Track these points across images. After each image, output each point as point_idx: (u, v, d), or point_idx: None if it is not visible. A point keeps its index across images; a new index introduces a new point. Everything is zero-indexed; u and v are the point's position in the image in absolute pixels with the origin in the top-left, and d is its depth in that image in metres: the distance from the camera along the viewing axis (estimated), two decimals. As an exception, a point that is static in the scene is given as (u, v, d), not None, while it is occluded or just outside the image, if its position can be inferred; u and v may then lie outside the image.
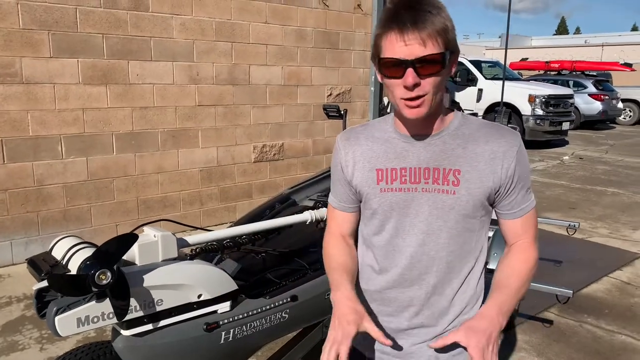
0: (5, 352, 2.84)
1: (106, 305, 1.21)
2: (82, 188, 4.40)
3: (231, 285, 1.47)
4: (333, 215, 1.29)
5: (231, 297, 1.49)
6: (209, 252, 1.51)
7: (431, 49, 1.00)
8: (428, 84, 1.03)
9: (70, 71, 4.18)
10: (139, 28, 4.49)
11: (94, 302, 1.20)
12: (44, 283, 1.13)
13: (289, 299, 1.63)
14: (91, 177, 4.42)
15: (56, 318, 1.16)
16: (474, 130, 1.15)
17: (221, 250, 1.52)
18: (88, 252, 1.21)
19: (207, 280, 1.41)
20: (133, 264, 1.33)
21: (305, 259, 1.84)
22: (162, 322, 1.35)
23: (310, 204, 2.39)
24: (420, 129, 1.14)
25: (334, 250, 1.25)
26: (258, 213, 2.35)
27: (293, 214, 2.01)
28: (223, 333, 1.47)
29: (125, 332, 1.30)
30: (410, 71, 1.00)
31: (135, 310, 1.28)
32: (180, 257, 1.41)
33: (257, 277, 1.64)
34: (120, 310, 1.20)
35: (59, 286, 1.11)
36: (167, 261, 1.36)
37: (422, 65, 1.01)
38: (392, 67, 1.03)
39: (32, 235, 4.18)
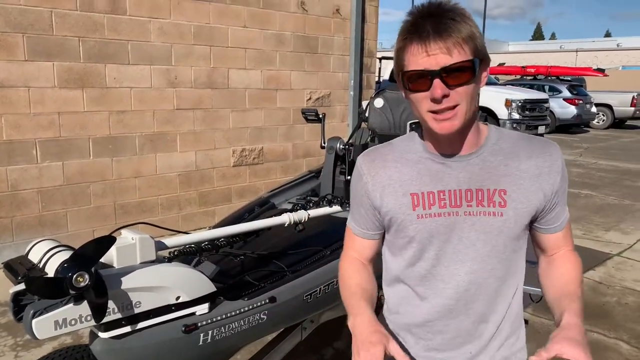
0: (-21, 360, 2.79)
1: (84, 308, 1.21)
2: (58, 193, 4.34)
3: (209, 287, 1.48)
4: (353, 241, 1.18)
5: (209, 299, 1.50)
6: (187, 255, 1.52)
7: (458, 57, 0.93)
8: (458, 95, 0.95)
9: (45, 75, 4.13)
10: (116, 31, 4.46)
11: (71, 304, 1.20)
12: (21, 286, 1.13)
13: (267, 301, 1.65)
14: (67, 182, 4.36)
15: (33, 321, 1.16)
16: (513, 144, 1.07)
17: (199, 253, 1.53)
18: (65, 255, 1.21)
19: (185, 282, 1.42)
20: (111, 266, 1.33)
21: (284, 261, 1.86)
22: (141, 324, 1.35)
23: (289, 207, 2.42)
24: (455, 147, 1.05)
25: (353, 274, 1.14)
26: (237, 216, 2.36)
27: (272, 217, 2.03)
28: (202, 335, 1.47)
29: (103, 335, 1.30)
30: (437, 82, 0.93)
31: (113, 313, 1.28)
32: (159, 260, 1.42)
33: (236, 279, 1.66)
34: (98, 313, 1.20)
35: (36, 289, 1.11)
36: (145, 263, 1.37)
37: (450, 75, 0.93)
38: (417, 80, 0.96)
39: (6, 242, 4.10)
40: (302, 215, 1.81)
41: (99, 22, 4.36)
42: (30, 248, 1.33)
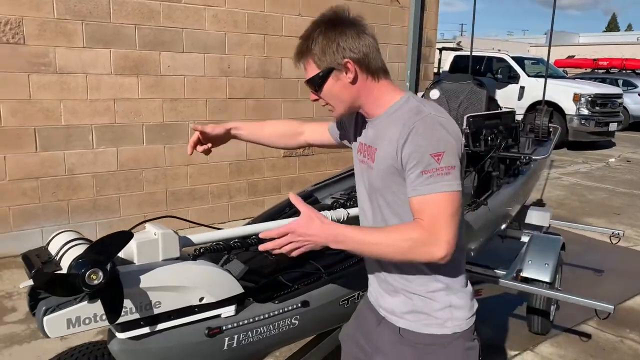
0: (27, 339, 2.87)
1: (99, 306, 1.14)
2: (112, 178, 4.43)
3: (236, 288, 1.38)
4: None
5: (236, 300, 1.40)
6: (214, 253, 1.42)
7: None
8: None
9: (102, 61, 4.20)
10: (171, 19, 4.47)
11: (85, 302, 1.14)
12: (31, 281, 1.07)
13: (299, 305, 1.53)
14: (121, 168, 4.44)
15: (45, 318, 1.10)
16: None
17: (228, 251, 1.43)
18: (82, 249, 1.14)
19: (210, 282, 1.32)
20: (131, 263, 1.26)
21: (320, 262, 1.74)
22: (160, 326, 1.27)
23: (330, 202, 2.28)
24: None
25: None
26: (278, 209, 2.26)
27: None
28: (226, 339, 1.38)
29: (120, 335, 1.23)
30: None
31: (130, 313, 1.20)
32: (183, 257, 1.33)
33: (266, 280, 1.55)
34: (112, 313, 1.13)
35: (46, 286, 1.05)
36: (168, 261, 1.28)
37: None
38: None
39: (62, 223, 4.23)
40: (340, 214, 1.67)
41: (155, 9, 4.38)
42: (51, 239, 1.28)
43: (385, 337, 1.38)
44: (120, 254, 1.25)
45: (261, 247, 1.22)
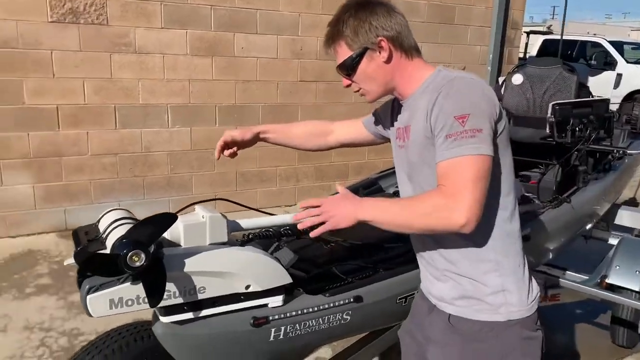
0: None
1: (142, 288, 1.11)
2: (185, 157, 4.54)
3: (285, 278, 1.31)
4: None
5: (285, 290, 1.33)
6: (263, 239, 1.36)
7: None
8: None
9: (179, 42, 4.29)
10: (245, 0, 4.47)
11: (129, 283, 1.11)
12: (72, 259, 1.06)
13: (352, 299, 1.44)
14: (194, 147, 4.55)
15: (88, 297, 1.08)
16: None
17: (278, 238, 1.37)
18: (127, 229, 1.11)
19: (258, 270, 1.26)
20: (179, 245, 1.22)
21: (378, 255, 1.63)
22: (205, 312, 1.23)
23: (392, 192, 2.16)
24: None
25: None
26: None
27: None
28: (273, 330, 1.32)
29: (163, 319, 1.20)
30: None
31: (174, 297, 1.17)
32: (231, 242, 1.28)
33: (318, 271, 1.47)
34: (153, 296, 1.10)
35: (86, 265, 1.03)
36: (215, 245, 1.24)
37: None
38: None
39: (138, 198, 4.41)
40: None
41: (231, -10, 4.40)
42: (102, 216, 1.27)
43: (436, 325, 1.33)
44: (167, 236, 1.22)
45: (294, 217, 1.27)
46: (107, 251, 1.09)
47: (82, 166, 4.16)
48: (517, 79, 3.18)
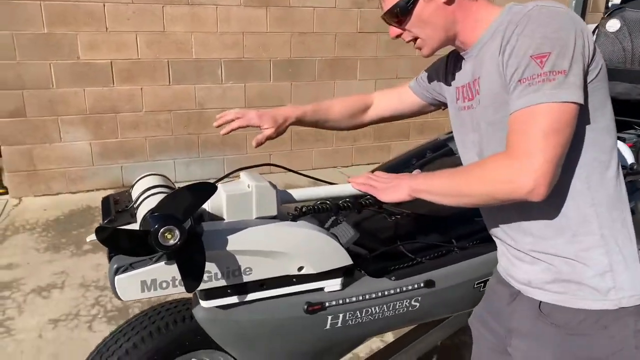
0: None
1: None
2: (239, 114, 4.39)
3: (344, 259, 1.11)
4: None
5: (344, 272, 1.13)
6: (320, 213, 1.16)
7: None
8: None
9: (232, -8, 4.06)
10: (302, -56, 4.15)
11: (163, 262, 0.95)
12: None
13: (422, 284, 1.22)
14: (248, 104, 4.38)
15: (116, 278, 0.93)
16: None
17: (336, 212, 1.17)
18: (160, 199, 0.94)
19: (313, 250, 1.07)
20: (221, 219, 1.04)
21: (453, 232, 1.40)
22: (251, 296, 1.06)
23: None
24: None
25: None
26: (405, 160, 1.92)
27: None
28: (329, 317, 1.14)
29: (204, 304, 1.04)
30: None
31: (215, 278, 1.00)
32: (281, 216, 1.09)
33: (382, 250, 1.26)
34: (191, 280, 0.93)
35: (110, 243, 0.87)
36: (263, 220, 1.05)
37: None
38: None
39: (193, 156, 4.34)
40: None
41: None
42: (135, 183, 1.11)
43: (521, 315, 1.11)
44: (208, 208, 1.04)
45: (349, 179, 1.19)
46: (137, 225, 0.93)
47: (137, 123, 4.11)
48: (613, 25, 2.74)
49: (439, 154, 2.03)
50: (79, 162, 4.04)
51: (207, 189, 0.92)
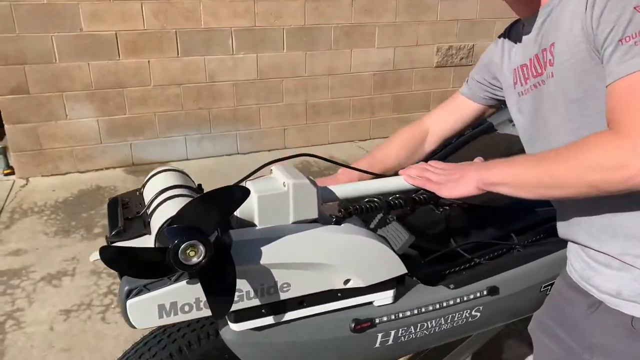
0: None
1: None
2: (252, 87, 4.18)
3: (398, 268, 0.93)
4: None
5: (396, 283, 0.96)
6: (366, 212, 0.98)
7: None
8: None
9: (241, -45, 3.79)
10: None
11: (184, 282, 0.78)
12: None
13: (485, 292, 1.05)
14: (261, 76, 4.16)
15: (128, 302, 0.76)
16: None
17: (385, 210, 0.97)
18: (181, 204, 0.76)
19: (362, 259, 0.89)
20: (252, 224, 0.86)
21: (512, 225, 1.21)
22: (289, 315, 0.89)
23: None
24: None
25: None
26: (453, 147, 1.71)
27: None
28: (380, 335, 0.96)
29: (234, 327, 0.87)
30: None
31: (247, 297, 0.82)
32: (323, 219, 0.90)
33: (434, 249, 1.08)
34: (219, 303, 0.76)
35: (120, 266, 0.70)
36: (302, 225, 0.87)
37: None
38: None
39: (204, 132, 4.15)
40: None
41: None
42: (148, 180, 0.93)
43: (606, 331, 0.94)
44: (237, 212, 0.86)
45: (402, 171, 1.03)
46: (152, 239, 0.75)
47: (145, 98, 3.91)
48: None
49: (480, 130, 1.82)
50: (87, 140, 3.87)
51: (239, 194, 0.74)
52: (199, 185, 0.94)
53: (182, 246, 0.70)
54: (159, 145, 4.07)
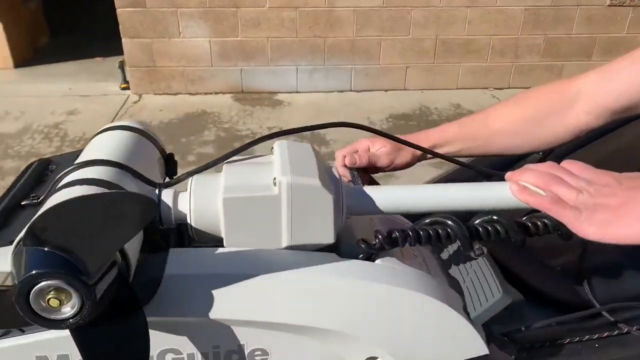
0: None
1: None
2: (375, 16, 3.67)
3: (476, 347, 0.52)
4: None
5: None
6: (426, 243, 0.54)
7: None
8: None
9: None
10: None
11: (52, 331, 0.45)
12: None
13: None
14: (386, 4, 3.63)
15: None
16: None
17: (464, 244, 0.53)
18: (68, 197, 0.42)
19: (404, 328, 0.49)
20: (215, 242, 0.50)
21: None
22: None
23: None
24: None
25: None
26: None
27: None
28: None
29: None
30: None
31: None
32: (345, 246, 0.51)
33: (570, 316, 0.63)
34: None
35: None
36: (303, 253, 0.49)
37: None
38: None
39: (317, 64, 3.80)
40: None
41: None
42: (93, 137, 0.59)
43: None
44: (189, 219, 0.50)
45: (508, 176, 0.55)
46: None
47: (259, 20, 3.63)
48: None
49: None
50: (199, 61, 3.74)
51: (144, 207, 0.37)
52: (170, 154, 0.60)
53: (36, 288, 0.37)
54: (269, 74, 3.82)
